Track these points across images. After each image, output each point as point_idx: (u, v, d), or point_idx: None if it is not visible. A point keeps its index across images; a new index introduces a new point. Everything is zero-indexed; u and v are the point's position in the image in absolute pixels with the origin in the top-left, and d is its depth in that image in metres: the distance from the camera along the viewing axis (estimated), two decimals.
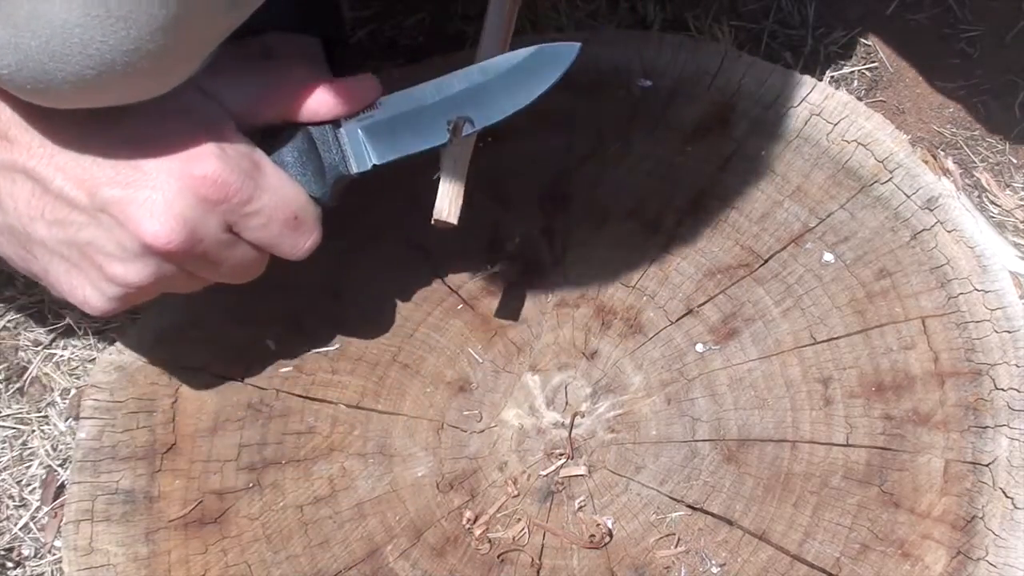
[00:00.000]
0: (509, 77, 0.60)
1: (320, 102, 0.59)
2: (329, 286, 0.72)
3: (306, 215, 0.59)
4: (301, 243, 0.60)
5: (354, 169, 0.61)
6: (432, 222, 0.61)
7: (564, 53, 0.60)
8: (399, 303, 0.71)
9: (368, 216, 0.72)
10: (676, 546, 0.63)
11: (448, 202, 0.61)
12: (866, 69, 1.06)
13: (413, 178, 0.62)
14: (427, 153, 0.61)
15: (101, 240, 0.55)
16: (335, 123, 0.60)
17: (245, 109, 0.58)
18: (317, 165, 0.60)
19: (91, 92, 0.51)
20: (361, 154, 0.61)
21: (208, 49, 0.54)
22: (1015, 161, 1.02)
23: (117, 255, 0.55)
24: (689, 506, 0.64)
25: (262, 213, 0.57)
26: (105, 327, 0.97)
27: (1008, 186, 1.00)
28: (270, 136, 0.60)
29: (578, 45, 0.60)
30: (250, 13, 0.54)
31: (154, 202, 0.54)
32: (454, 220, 0.61)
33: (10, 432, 0.96)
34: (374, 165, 0.61)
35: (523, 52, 0.60)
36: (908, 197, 0.71)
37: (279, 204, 0.58)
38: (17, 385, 0.97)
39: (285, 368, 0.70)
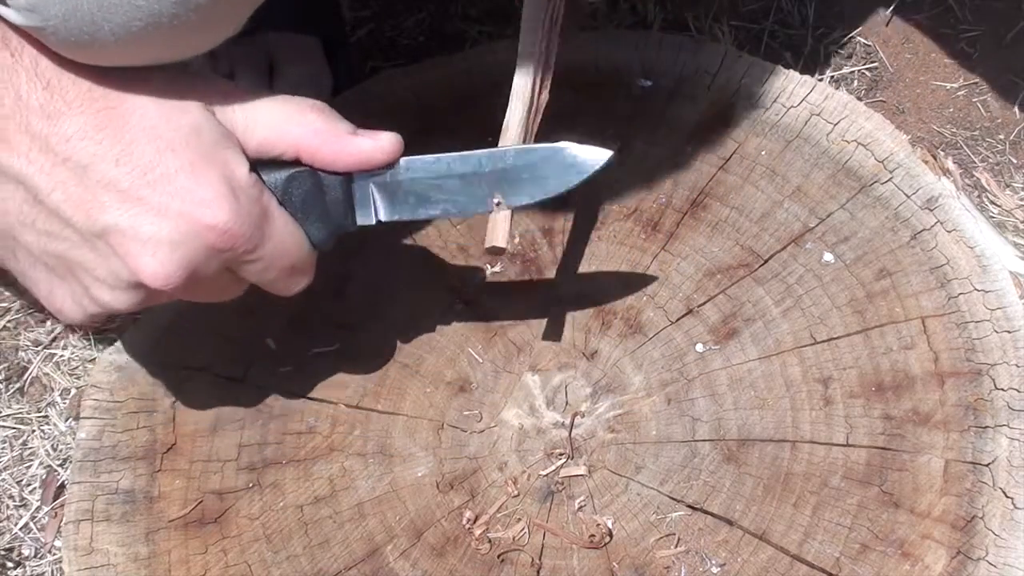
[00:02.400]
0: (537, 168, 0.59)
1: (336, 155, 0.57)
2: (330, 286, 0.72)
3: (304, 262, 0.59)
4: (293, 287, 0.59)
5: (358, 223, 0.60)
6: (485, 249, 0.60)
7: (596, 157, 0.59)
8: (399, 303, 0.71)
9: None
10: (676, 546, 0.63)
11: (498, 232, 0.60)
12: (866, 69, 1.06)
13: None
14: (433, 219, 0.60)
15: (92, 264, 0.54)
16: (348, 174, 0.59)
17: (257, 145, 0.57)
18: (322, 211, 0.59)
19: (135, 46, 0.50)
20: (368, 208, 0.60)
21: (252, 6, 0.53)
22: (1015, 161, 1.02)
23: (107, 281, 0.54)
24: (689, 506, 0.64)
25: (263, 260, 0.56)
26: (105, 327, 0.97)
27: (1008, 186, 1.00)
28: (278, 167, 0.58)
29: (611, 153, 0.59)
30: None
31: (158, 242, 0.52)
32: (505, 245, 0.60)
33: (10, 432, 0.96)
34: (379, 221, 0.60)
35: (557, 147, 0.59)
36: (908, 197, 0.71)
37: (281, 253, 0.57)
38: (17, 385, 0.97)
39: (285, 368, 0.70)
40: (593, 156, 0.59)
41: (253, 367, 0.70)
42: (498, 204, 0.59)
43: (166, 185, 0.52)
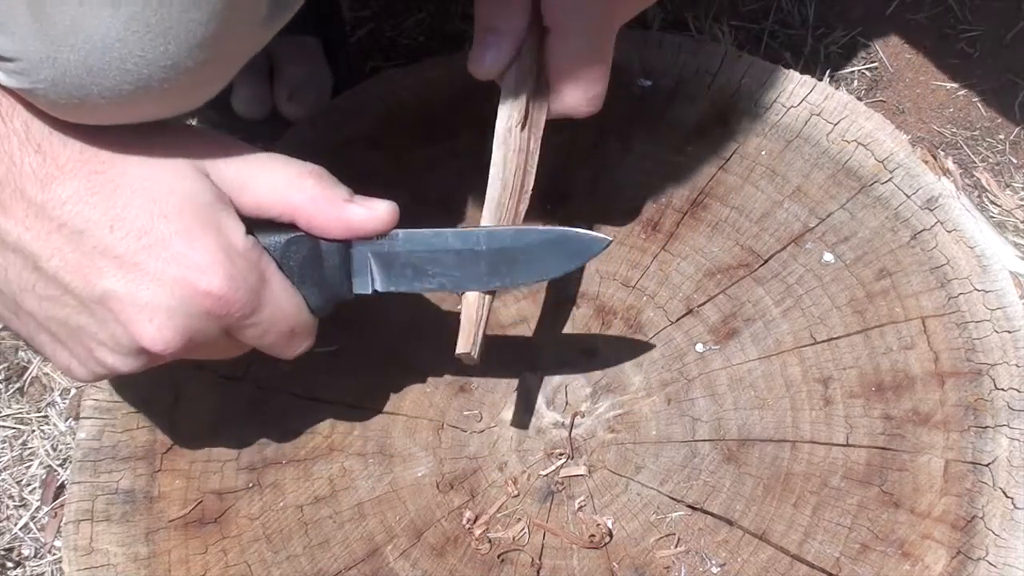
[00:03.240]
0: (535, 250, 0.59)
1: (332, 223, 0.57)
2: None
3: (303, 328, 0.58)
4: (293, 351, 0.59)
5: (355, 291, 0.60)
6: (456, 355, 0.59)
7: (594, 245, 0.59)
8: (399, 302, 0.71)
9: None
10: (676, 546, 0.63)
11: (470, 339, 0.59)
12: (866, 69, 1.06)
13: (414, 178, 0.62)
14: (429, 291, 0.60)
15: (94, 329, 0.54)
16: (347, 242, 0.59)
17: (253, 206, 0.56)
18: (319, 277, 0.58)
19: (126, 108, 0.50)
20: (365, 278, 0.59)
21: (240, 66, 0.53)
22: (1015, 161, 1.02)
23: (109, 346, 0.54)
24: (689, 506, 0.64)
25: (261, 325, 0.56)
26: None
27: (1008, 186, 1.00)
28: (276, 229, 0.57)
29: (610, 240, 0.59)
30: (280, 28, 0.53)
31: (155, 308, 0.52)
32: (476, 356, 0.59)
33: (10, 432, 0.96)
34: (375, 291, 0.60)
35: (556, 231, 0.59)
36: (908, 197, 0.71)
37: (280, 319, 0.57)
38: (17, 385, 0.97)
39: (285, 368, 0.70)
40: (592, 243, 0.59)
41: (253, 367, 0.70)
42: (491, 291, 0.59)
43: (162, 251, 0.52)
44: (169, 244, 0.52)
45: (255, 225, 0.56)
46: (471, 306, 0.59)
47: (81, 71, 0.48)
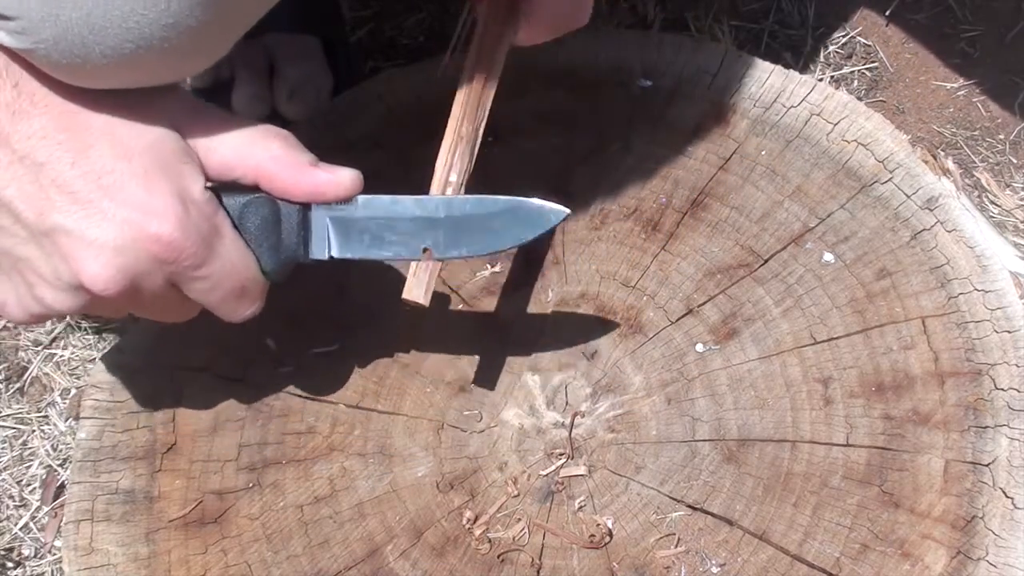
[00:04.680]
0: (494, 219, 0.59)
1: (293, 183, 0.57)
2: (330, 285, 0.72)
3: (252, 288, 0.58)
4: (240, 312, 0.59)
5: (311, 256, 0.60)
6: (402, 299, 0.60)
7: (552, 215, 0.59)
8: (399, 303, 0.71)
9: None
10: (676, 546, 0.63)
11: (420, 285, 0.60)
12: (866, 69, 1.06)
13: (414, 177, 0.62)
14: (387, 260, 0.60)
15: (38, 262, 0.54)
16: (306, 204, 0.59)
17: (218, 165, 0.57)
18: (275, 241, 0.58)
19: (126, 69, 0.50)
20: (322, 243, 0.59)
21: (243, 29, 0.53)
22: (1015, 161, 1.02)
23: (50, 281, 0.54)
24: (689, 506, 0.64)
25: (209, 279, 0.56)
26: (105, 327, 0.97)
27: (1008, 186, 1.00)
28: (239, 191, 0.58)
29: (567, 212, 0.59)
30: None
31: (102, 246, 0.52)
32: (425, 302, 0.60)
33: (10, 432, 0.96)
34: (331, 257, 0.60)
35: (515, 201, 0.59)
36: (908, 197, 0.71)
37: (229, 274, 0.56)
38: (17, 385, 0.97)
39: (285, 368, 0.70)
40: (550, 212, 0.59)
41: (253, 367, 0.70)
42: (428, 253, 0.59)
43: (118, 192, 0.53)
44: (126, 186, 0.53)
45: (220, 188, 0.57)
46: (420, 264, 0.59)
47: (83, 29, 0.48)
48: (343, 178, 0.58)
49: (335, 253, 0.60)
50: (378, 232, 0.59)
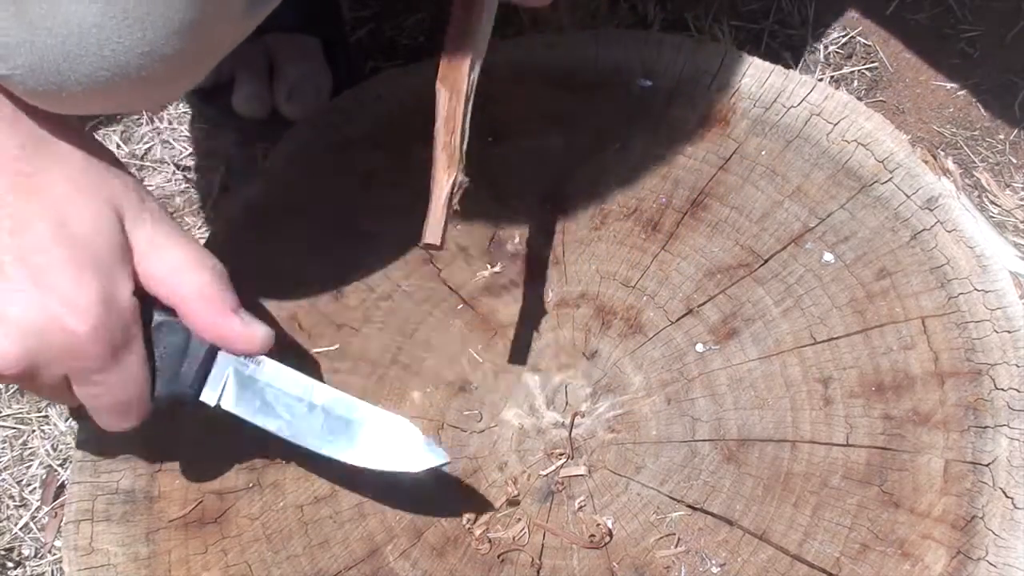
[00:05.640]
0: (370, 438, 0.60)
1: (210, 326, 0.57)
2: (330, 285, 0.72)
3: (137, 408, 0.58)
4: (114, 425, 0.58)
5: (200, 397, 0.60)
6: (421, 245, 0.59)
7: (429, 461, 0.59)
8: (399, 303, 0.71)
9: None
10: (676, 546, 0.63)
11: (438, 230, 0.59)
12: (866, 69, 1.06)
13: (414, 178, 0.62)
14: (267, 431, 0.60)
15: None
16: (215, 349, 0.59)
17: (145, 276, 0.56)
18: (175, 371, 0.58)
19: (102, 96, 0.50)
20: (216, 390, 0.59)
21: (219, 57, 0.53)
22: (1015, 161, 1.02)
23: None
24: (689, 506, 0.64)
25: (102, 386, 0.56)
26: None
27: (1008, 186, 1.00)
28: (157, 308, 0.57)
29: (446, 462, 0.59)
30: (262, 19, 0.53)
31: (13, 325, 0.52)
32: (440, 245, 0.59)
33: (10, 432, 0.96)
34: (218, 406, 0.60)
35: (408, 431, 0.60)
36: (908, 197, 0.71)
37: (123, 388, 0.56)
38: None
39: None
40: (428, 459, 0.59)
41: None
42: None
43: (45, 275, 0.52)
44: (55, 272, 0.52)
45: (141, 296, 0.56)
46: (440, 196, 0.58)
47: (58, 56, 0.47)
48: (255, 334, 0.58)
49: (224, 404, 0.60)
50: (271, 403, 0.60)
